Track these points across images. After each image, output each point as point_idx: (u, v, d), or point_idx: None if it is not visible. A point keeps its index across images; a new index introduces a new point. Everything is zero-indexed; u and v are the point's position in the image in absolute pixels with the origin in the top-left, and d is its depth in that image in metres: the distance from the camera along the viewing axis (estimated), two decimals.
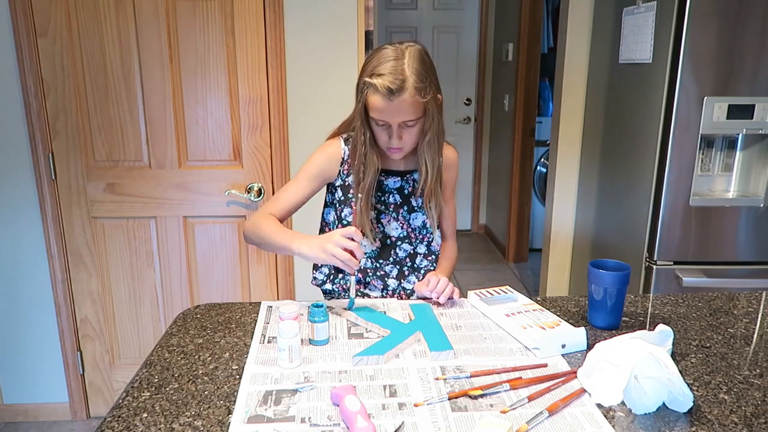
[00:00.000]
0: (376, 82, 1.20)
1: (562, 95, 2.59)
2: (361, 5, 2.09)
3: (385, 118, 1.24)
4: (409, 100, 1.21)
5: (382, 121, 1.25)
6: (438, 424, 0.86)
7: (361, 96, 1.26)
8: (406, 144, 1.29)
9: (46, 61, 2.02)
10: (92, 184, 2.14)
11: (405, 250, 1.42)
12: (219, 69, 2.07)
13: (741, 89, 1.83)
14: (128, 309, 2.28)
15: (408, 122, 1.25)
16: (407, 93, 1.20)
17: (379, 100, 1.22)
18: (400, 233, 1.40)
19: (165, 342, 1.13)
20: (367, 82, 1.22)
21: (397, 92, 1.20)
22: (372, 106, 1.24)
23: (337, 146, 1.39)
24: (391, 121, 1.24)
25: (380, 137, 1.29)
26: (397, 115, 1.23)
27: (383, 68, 1.21)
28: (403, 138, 1.27)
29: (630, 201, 2.13)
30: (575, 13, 2.50)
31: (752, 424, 0.87)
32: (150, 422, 0.87)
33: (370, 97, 1.23)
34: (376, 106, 1.23)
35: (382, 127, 1.27)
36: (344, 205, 1.39)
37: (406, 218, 1.40)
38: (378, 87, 1.20)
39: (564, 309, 1.29)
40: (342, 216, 1.40)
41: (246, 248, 2.24)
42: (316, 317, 1.09)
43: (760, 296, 1.39)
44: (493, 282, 3.81)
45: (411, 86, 1.20)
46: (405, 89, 1.20)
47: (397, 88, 1.19)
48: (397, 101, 1.21)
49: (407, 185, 1.40)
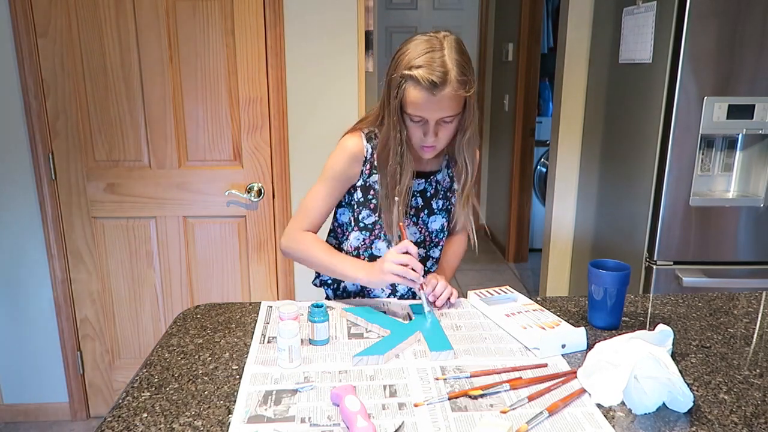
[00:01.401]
0: (417, 74, 1.12)
1: (562, 95, 2.59)
2: (361, 5, 2.09)
3: (424, 113, 1.16)
4: (452, 94, 1.13)
5: (419, 117, 1.17)
6: (438, 424, 0.86)
7: (397, 91, 1.16)
8: (440, 142, 1.21)
9: (46, 61, 2.02)
10: (92, 184, 2.14)
11: (420, 255, 1.34)
12: (219, 69, 2.07)
13: (741, 89, 1.83)
14: (128, 309, 2.28)
15: (446, 118, 1.17)
16: (450, 87, 1.12)
17: (419, 94, 1.13)
18: (417, 238, 1.35)
19: (165, 342, 1.13)
20: (405, 74, 1.13)
21: (441, 85, 1.12)
22: (410, 100, 1.15)
23: (359, 145, 1.28)
24: (430, 116, 1.16)
25: (413, 134, 1.21)
26: (437, 110, 1.15)
27: (422, 60, 1.12)
28: (438, 135, 1.19)
29: (630, 201, 2.13)
30: (575, 13, 2.50)
31: (752, 424, 0.87)
32: (150, 422, 0.87)
33: (409, 91, 1.14)
34: (416, 100, 1.14)
35: (417, 123, 1.19)
36: (363, 207, 1.31)
37: (425, 222, 1.36)
38: (420, 80, 1.12)
39: (564, 309, 1.29)
40: (359, 218, 1.32)
41: (246, 248, 2.24)
42: (316, 317, 1.09)
43: (760, 296, 1.39)
44: (493, 282, 3.81)
45: (454, 79, 1.12)
46: (448, 82, 1.12)
47: (440, 81, 1.11)
48: (439, 95, 1.13)
49: (430, 187, 1.34)
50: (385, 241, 1.33)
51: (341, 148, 1.29)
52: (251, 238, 2.22)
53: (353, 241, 1.35)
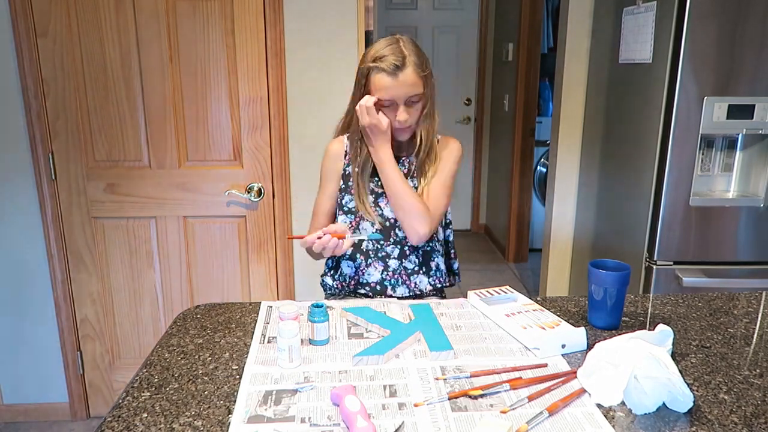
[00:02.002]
0: (380, 63, 1.31)
1: (562, 95, 2.59)
2: (361, 5, 2.09)
3: (392, 94, 1.33)
4: (413, 75, 1.32)
5: (389, 100, 1.34)
6: (438, 424, 0.86)
7: (363, 81, 1.36)
8: (412, 120, 1.38)
9: (46, 61, 2.02)
10: (92, 184, 2.14)
11: (392, 223, 1.46)
12: (219, 69, 2.07)
13: (741, 89, 1.83)
14: (128, 309, 2.28)
15: (413, 98, 1.35)
16: (410, 68, 1.32)
17: (384, 78, 1.32)
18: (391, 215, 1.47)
19: (165, 342, 1.13)
20: (370, 66, 1.33)
21: (402, 67, 1.31)
22: (378, 86, 1.33)
23: (338, 144, 1.52)
24: (398, 96, 1.33)
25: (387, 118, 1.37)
26: (403, 89, 1.32)
27: (383, 52, 1.33)
28: (410, 115, 1.36)
29: (630, 201, 2.13)
30: (575, 13, 2.50)
31: (752, 424, 0.87)
32: (150, 422, 0.87)
33: (375, 78, 1.33)
34: (383, 84, 1.32)
35: (388, 108, 1.36)
36: (345, 193, 1.48)
37: None
38: (383, 66, 1.31)
39: (564, 309, 1.29)
40: (343, 204, 1.49)
41: (246, 248, 2.24)
42: (316, 317, 1.10)
43: (760, 296, 1.39)
44: (493, 282, 3.81)
45: (412, 62, 1.32)
46: (407, 65, 1.32)
47: (400, 64, 1.31)
48: (401, 76, 1.31)
49: (403, 167, 1.47)
50: (368, 221, 1.46)
51: (325, 152, 1.53)
52: (251, 238, 2.22)
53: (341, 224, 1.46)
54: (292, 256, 2.26)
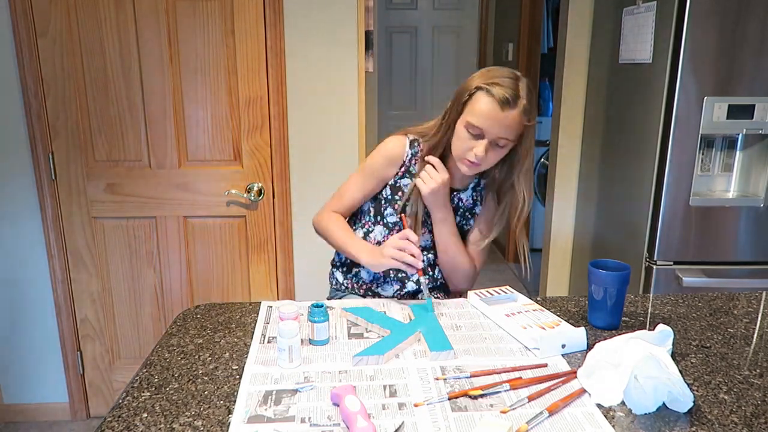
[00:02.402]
0: (492, 88, 1.21)
1: (562, 95, 2.59)
2: (361, 5, 2.09)
3: (487, 126, 1.22)
4: (517, 118, 1.22)
5: (478, 130, 1.23)
6: (438, 424, 0.86)
7: (467, 97, 1.25)
8: (487, 162, 1.28)
9: (46, 61, 2.02)
10: (92, 184, 2.14)
11: (428, 260, 1.42)
12: (219, 69, 2.07)
13: (741, 89, 1.83)
14: (128, 309, 2.28)
15: (502, 140, 1.24)
16: (518, 110, 1.22)
17: (488, 106, 1.21)
18: (427, 243, 1.42)
19: (165, 342, 1.13)
20: (483, 85, 1.23)
21: (512, 104, 1.21)
22: (477, 110, 1.23)
23: (399, 147, 1.38)
24: (490, 131, 1.23)
25: (461, 144, 1.27)
26: (500, 128, 1.22)
27: (503, 81, 1.22)
28: (488, 155, 1.25)
29: (630, 201, 2.13)
30: (575, 13, 2.50)
31: (752, 424, 0.87)
32: (150, 422, 0.87)
33: (480, 100, 1.23)
34: (483, 111, 1.22)
35: (472, 135, 1.25)
36: (389, 204, 1.39)
37: None
38: (495, 93, 1.21)
39: (564, 309, 1.29)
40: (384, 214, 1.40)
41: (246, 248, 2.24)
42: (316, 317, 1.10)
43: (760, 296, 1.39)
44: (493, 282, 3.81)
45: (523, 105, 1.22)
46: (518, 105, 1.22)
47: (512, 100, 1.21)
48: (506, 113, 1.21)
49: (451, 203, 1.39)
50: None
51: (383, 147, 1.39)
52: (251, 238, 2.22)
53: (377, 234, 1.42)
54: (292, 256, 2.26)
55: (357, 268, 1.47)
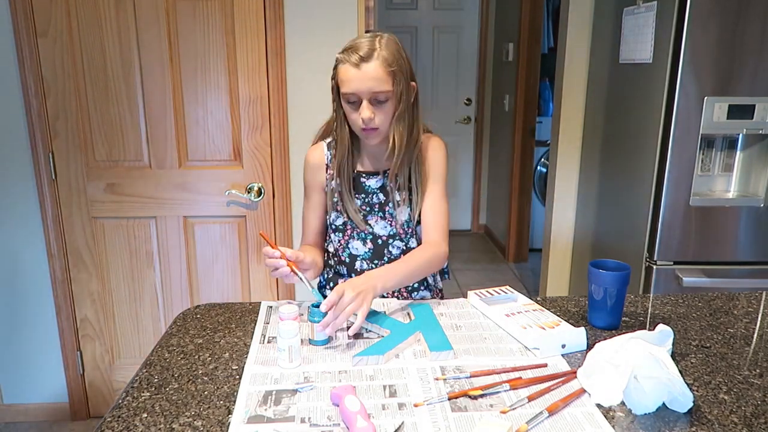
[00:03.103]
0: (346, 54, 1.23)
1: (562, 95, 2.59)
2: (362, 5, 2.09)
3: (355, 87, 1.23)
4: (379, 69, 1.22)
5: (353, 95, 1.24)
6: (438, 424, 0.86)
7: (334, 72, 1.27)
8: (379, 123, 1.26)
9: (46, 61, 2.02)
10: (92, 184, 2.14)
11: (398, 247, 1.39)
12: (219, 69, 2.07)
13: (741, 89, 1.83)
14: (128, 309, 2.28)
15: (379, 95, 1.23)
16: (376, 61, 1.22)
17: (348, 70, 1.22)
18: (389, 231, 1.39)
19: (165, 342, 1.13)
20: (338, 56, 1.25)
21: (366, 59, 1.21)
22: (342, 79, 1.24)
23: (318, 153, 1.41)
24: (360, 91, 1.23)
25: (353, 118, 1.27)
26: (367, 83, 1.22)
27: (356, 44, 1.24)
28: (375, 117, 1.25)
29: (630, 201, 2.13)
30: (575, 13, 2.50)
31: (752, 424, 0.87)
32: (150, 422, 0.87)
33: (341, 69, 1.24)
34: (346, 76, 1.23)
35: (353, 105, 1.26)
36: (331, 209, 1.40)
37: (393, 215, 1.38)
38: (348, 57, 1.22)
39: (564, 309, 1.29)
40: (331, 222, 1.40)
41: (246, 248, 2.24)
42: (316, 317, 1.09)
43: (760, 296, 1.39)
44: (493, 282, 3.81)
45: (381, 55, 1.22)
46: (374, 57, 1.22)
47: (365, 55, 1.21)
48: (365, 68, 1.21)
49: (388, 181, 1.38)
50: (359, 239, 1.39)
51: (305, 161, 1.43)
52: (251, 238, 2.22)
53: (335, 242, 1.42)
54: None
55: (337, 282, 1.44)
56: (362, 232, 1.38)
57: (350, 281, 1.15)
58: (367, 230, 1.38)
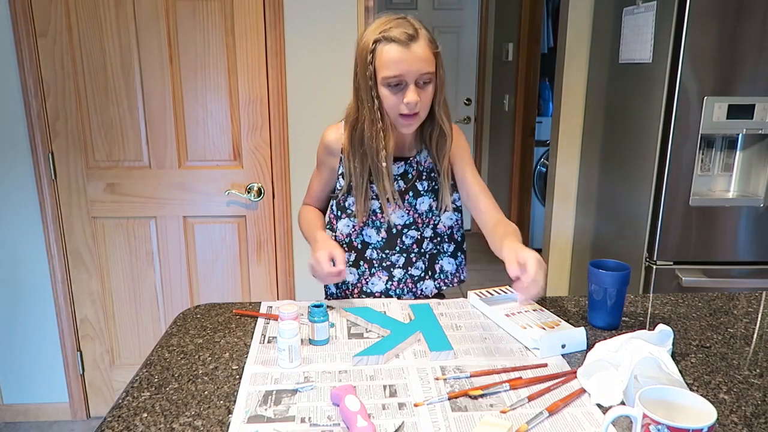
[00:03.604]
0: (390, 33, 1.16)
1: (562, 95, 2.59)
2: (361, 5, 2.09)
3: (403, 69, 1.16)
4: (426, 49, 1.17)
5: (397, 78, 1.17)
6: (438, 424, 0.86)
7: (371, 57, 1.18)
8: (422, 106, 1.21)
9: (46, 61, 2.02)
10: (92, 184, 2.14)
11: (411, 237, 1.38)
12: (219, 69, 2.07)
13: (741, 89, 1.83)
14: (128, 309, 2.28)
15: (424, 77, 1.18)
16: (423, 40, 1.18)
17: (395, 50, 1.16)
18: (406, 220, 1.36)
19: (165, 342, 1.13)
20: (378, 37, 1.17)
21: (414, 38, 1.16)
22: (387, 61, 1.16)
23: (333, 134, 1.36)
24: (409, 73, 1.16)
25: (391, 103, 1.20)
26: (416, 64, 1.16)
27: (394, 23, 1.18)
28: (420, 98, 1.19)
29: (630, 201, 2.13)
30: (575, 13, 2.50)
31: (752, 424, 0.87)
32: (150, 422, 0.87)
33: (383, 50, 1.16)
34: (393, 58, 1.16)
35: (395, 88, 1.18)
36: (348, 194, 1.36)
37: (412, 204, 1.36)
38: (394, 36, 1.15)
39: (564, 309, 1.29)
40: (346, 206, 1.36)
41: (246, 248, 2.24)
42: (316, 317, 1.10)
43: (760, 296, 1.39)
44: (493, 282, 3.80)
45: (424, 34, 1.19)
46: (420, 36, 1.17)
47: (414, 34, 1.16)
48: (415, 47, 1.16)
49: (411, 169, 1.34)
50: (374, 227, 1.37)
51: (321, 137, 1.38)
52: (251, 238, 2.22)
53: (343, 228, 1.39)
54: (292, 256, 2.26)
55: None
56: (377, 221, 1.36)
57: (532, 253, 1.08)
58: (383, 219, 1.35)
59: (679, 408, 0.76)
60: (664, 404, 0.76)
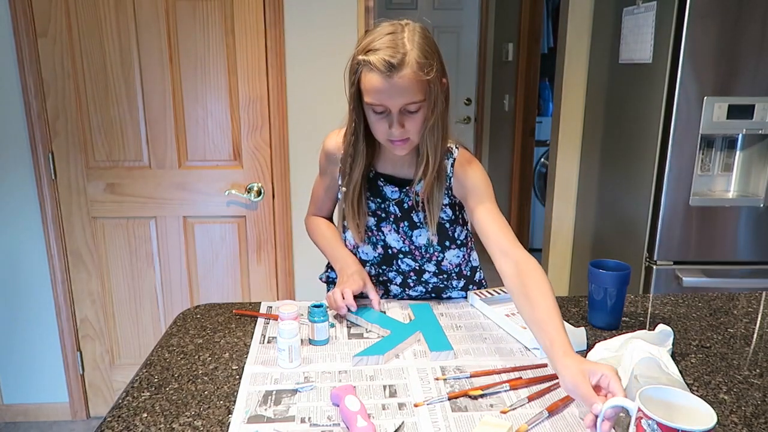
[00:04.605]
0: (371, 58, 1.04)
1: (562, 95, 2.59)
2: (362, 5, 2.09)
3: (384, 101, 1.06)
4: (411, 77, 1.03)
5: (381, 107, 1.07)
6: (438, 424, 0.86)
7: (354, 78, 1.09)
8: (410, 133, 1.10)
9: (46, 61, 2.02)
10: (92, 184, 2.14)
11: (408, 264, 1.31)
12: (219, 69, 2.07)
13: (741, 89, 1.83)
14: (128, 309, 2.28)
15: (410, 106, 1.06)
16: (408, 68, 1.03)
17: (376, 79, 1.04)
18: (401, 247, 1.29)
19: (165, 342, 1.13)
20: (361, 59, 1.06)
21: (398, 67, 1.02)
22: (368, 87, 1.06)
23: (331, 142, 1.28)
24: (391, 104, 1.06)
25: (379, 128, 1.11)
26: (398, 96, 1.05)
27: (379, 43, 1.05)
28: (405, 127, 1.08)
29: (630, 201, 2.13)
30: (575, 13, 2.50)
31: (752, 424, 0.87)
32: (150, 422, 0.87)
33: (365, 77, 1.06)
34: (373, 86, 1.05)
35: (380, 115, 1.09)
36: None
37: (408, 234, 1.27)
38: (374, 63, 1.03)
39: (564, 309, 1.29)
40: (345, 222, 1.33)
41: (246, 248, 2.24)
42: (316, 317, 1.09)
43: (760, 296, 1.39)
44: (493, 282, 3.80)
45: (413, 60, 1.03)
46: (406, 64, 1.03)
47: (397, 63, 1.02)
48: (397, 78, 1.03)
49: (407, 198, 1.24)
50: (370, 244, 1.32)
51: (322, 143, 1.31)
52: (251, 238, 2.22)
53: (349, 238, 1.33)
54: (292, 257, 2.26)
55: None
56: (374, 237, 1.30)
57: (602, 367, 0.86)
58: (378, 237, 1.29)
59: (681, 410, 0.76)
60: (666, 405, 0.76)
